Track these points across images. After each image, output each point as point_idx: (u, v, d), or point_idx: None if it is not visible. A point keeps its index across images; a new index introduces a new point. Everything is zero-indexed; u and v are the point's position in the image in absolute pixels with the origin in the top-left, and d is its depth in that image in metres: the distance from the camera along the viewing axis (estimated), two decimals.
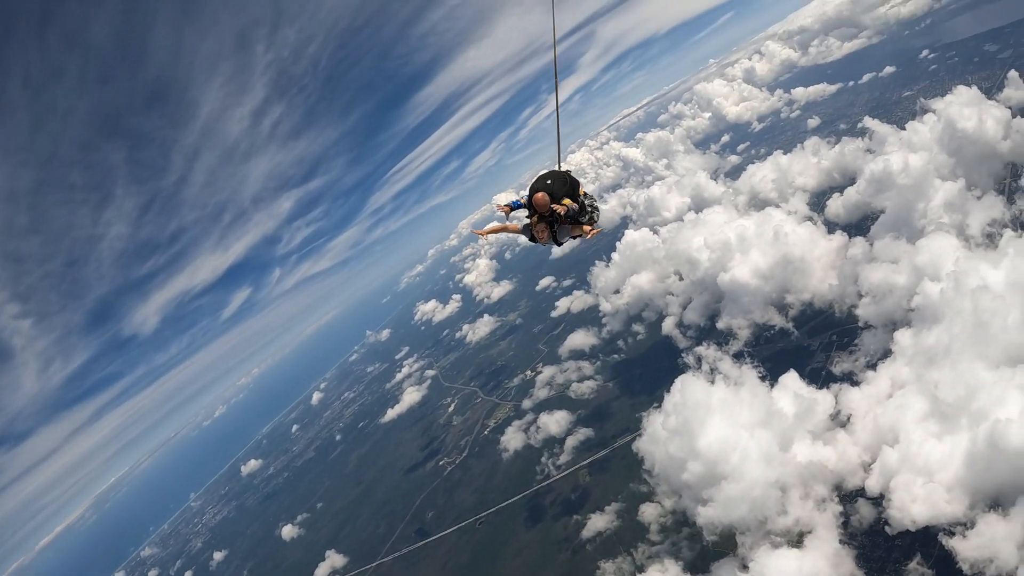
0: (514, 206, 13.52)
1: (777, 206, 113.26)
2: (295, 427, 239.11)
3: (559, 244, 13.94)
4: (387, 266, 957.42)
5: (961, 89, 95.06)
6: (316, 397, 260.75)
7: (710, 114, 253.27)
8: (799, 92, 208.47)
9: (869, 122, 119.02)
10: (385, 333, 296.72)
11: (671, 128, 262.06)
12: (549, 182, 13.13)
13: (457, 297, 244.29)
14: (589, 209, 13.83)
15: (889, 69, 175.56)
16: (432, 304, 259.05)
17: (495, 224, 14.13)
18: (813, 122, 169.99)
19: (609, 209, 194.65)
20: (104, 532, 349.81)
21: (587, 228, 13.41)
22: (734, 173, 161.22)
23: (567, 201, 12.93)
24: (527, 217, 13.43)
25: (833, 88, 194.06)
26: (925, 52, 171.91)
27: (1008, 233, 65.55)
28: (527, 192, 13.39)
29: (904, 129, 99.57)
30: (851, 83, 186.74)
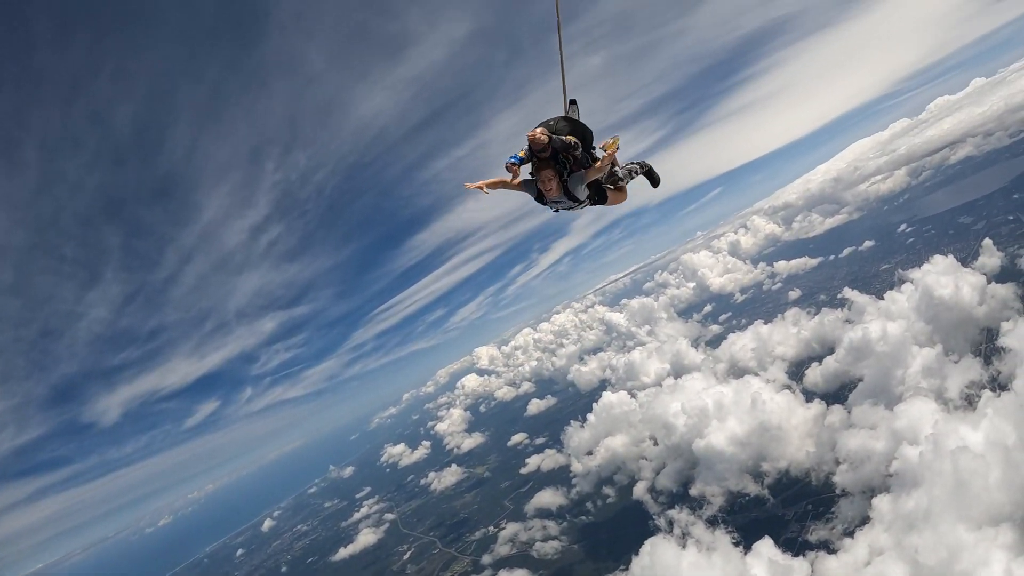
0: (515, 161, 10.66)
1: (756, 374, 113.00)
2: (240, 551, 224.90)
3: (576, 201, 11.06)
4: (360, 403, 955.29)
5: (937, 258, 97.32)
6: (267, 524, 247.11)
7: (694, 284, 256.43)
8: (781, 265, 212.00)
9: (848, 293, 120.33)
10: (349, 470, 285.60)
11: (656, 296, 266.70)
12: (551, 122, 10.72)
13: (427, 444, 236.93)
14: (610, 172, 11.61)
15: (868, 243, 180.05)
16: (400, 447, 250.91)
17: (495, 178, 11.12)
18: (794, 294, 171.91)
19: (588, 371, 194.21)
20: None
21: (597, 167, 10.50)
22: (715, 342, 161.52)
23: (570, 138, 10.36)
24: (530, 174, 10.84)
25: (814, 262, 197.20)
26: (903, 226, 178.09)
27: (986, 394, 65.10)
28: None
29: (882, 299, 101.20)
30: (832, 257, 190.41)
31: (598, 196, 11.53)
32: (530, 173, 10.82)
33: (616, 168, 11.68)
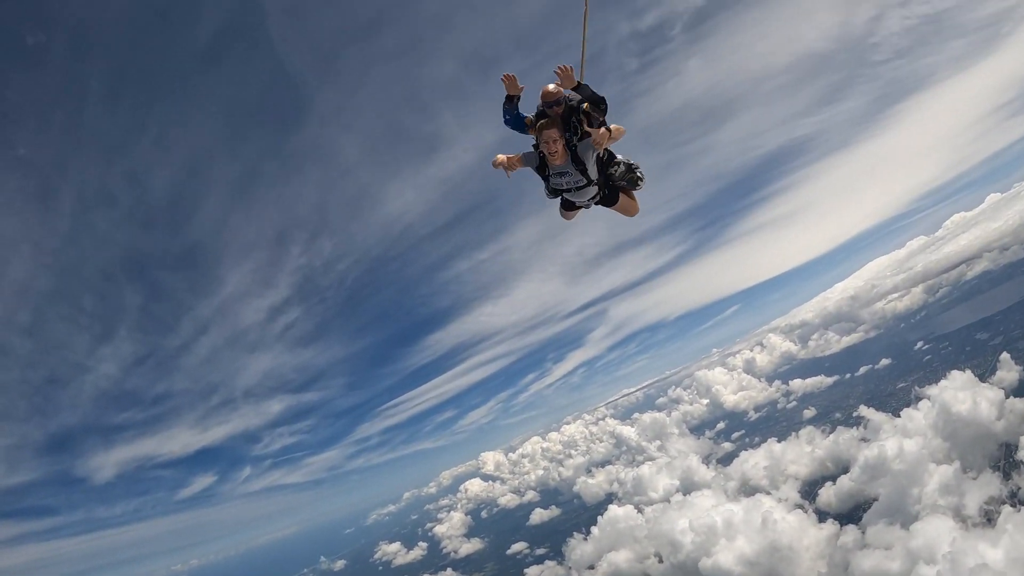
0: (510, 117, 9.69)
1: (767, 493, 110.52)
2: None
3: (585, 177, 9.58)
4: (358, 497, 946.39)
5: (955, 374, 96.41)
6: None
7: (708, 401, 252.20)
8: (797, 384, 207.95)
9: (864, 411, 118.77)
10: (340, 563, 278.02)
11: (668, 411, 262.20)
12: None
13: (423, 545, 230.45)
14: (628, 168, 10.20)
15: (885, 361, 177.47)
16: (396, 546, 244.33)
17: (501, 156, 9.37)
18: (809, 412, 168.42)
19: (595, 484, 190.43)
20: None
21: (614, 130, 9.47)
22: (726, 460, 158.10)
23: (586, 106, 9.28)
24: (533, 145, 9.68)
25: (830, 380, 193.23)
26: (920, 344, 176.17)
27: (1006, 509, 62.86)
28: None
29: (899, 417, 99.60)
30: (848, 375, 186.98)
31: (609, 192, 10.21)
32: (533, 144, 9.74)
33: (631, 162, 10.25)
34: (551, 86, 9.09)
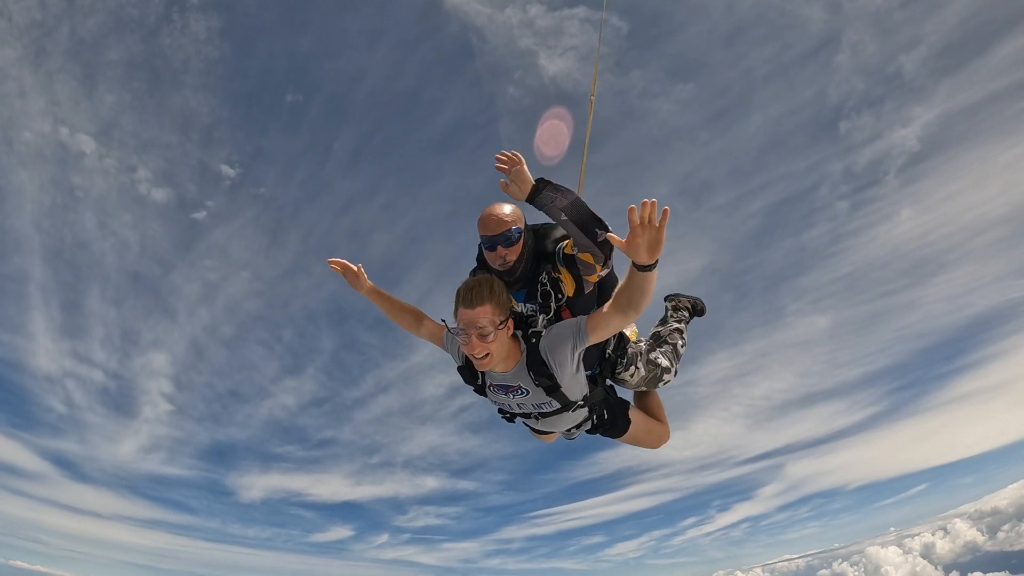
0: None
1: None
2: None
3: (554, 394, 3.78)
4: None
5: None
6: None
7: None
8: None
9: None
10: None
11: None
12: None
13: None
14: (651, 362, 4.66)
15: None
16: None
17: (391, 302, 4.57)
18: None
19: None
20: None
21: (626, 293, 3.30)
22: None
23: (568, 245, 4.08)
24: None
25: None
26: None
27: None
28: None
29: None
30: None
31: (610, 414, 4.50)
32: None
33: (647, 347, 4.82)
34: (503, 208, 3.98)
